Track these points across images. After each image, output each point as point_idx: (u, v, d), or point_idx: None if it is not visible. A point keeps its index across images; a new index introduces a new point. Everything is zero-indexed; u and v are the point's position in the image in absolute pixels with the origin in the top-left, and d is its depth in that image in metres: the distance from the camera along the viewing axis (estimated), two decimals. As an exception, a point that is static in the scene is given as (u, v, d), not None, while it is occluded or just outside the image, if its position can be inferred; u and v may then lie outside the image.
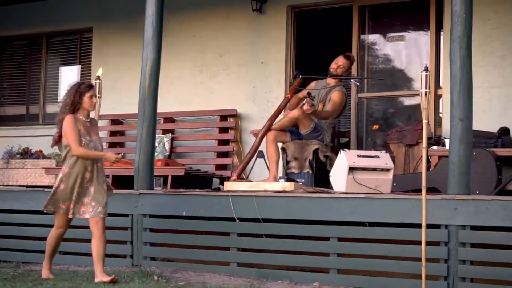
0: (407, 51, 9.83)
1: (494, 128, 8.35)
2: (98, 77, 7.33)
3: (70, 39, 11.93)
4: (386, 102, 10.12)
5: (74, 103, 6.51)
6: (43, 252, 8.20)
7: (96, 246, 6.64)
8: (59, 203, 6.59)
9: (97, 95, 7.30)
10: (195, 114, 10.40)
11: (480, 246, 6.17)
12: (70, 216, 6.66)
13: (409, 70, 9.85)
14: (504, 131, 8.21)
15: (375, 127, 9.83)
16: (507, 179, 7.63)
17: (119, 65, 11.12)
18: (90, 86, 6.64)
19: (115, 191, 7.27)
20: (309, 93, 8.35)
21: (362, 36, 9.86)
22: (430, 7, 9.25)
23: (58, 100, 11.92)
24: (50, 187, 9.85)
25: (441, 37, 9.22)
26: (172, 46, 10.54)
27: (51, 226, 8.13)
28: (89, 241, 7.46)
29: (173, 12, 10.23)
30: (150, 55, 7.94)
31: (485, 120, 8.57)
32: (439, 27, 9.22)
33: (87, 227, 7.59)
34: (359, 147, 9.54)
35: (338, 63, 8.63)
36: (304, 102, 8.31)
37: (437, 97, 9.16)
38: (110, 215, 7.78)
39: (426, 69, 5.84)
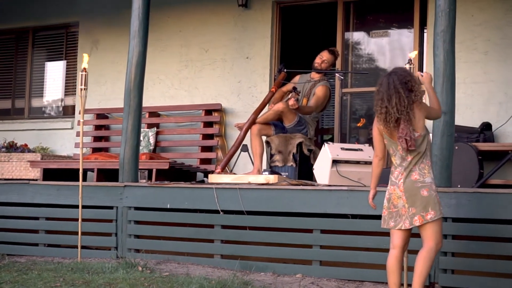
0: (391, 47, 9.90)
1: (476, 123, 8.45)
2: (84, 69, 7.34)
3: (56, 34, 11.91)
4: (369, 99, 10.18)
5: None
6: (28, 244, 8.26)
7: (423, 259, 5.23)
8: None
9: (83, 87, 7.35)
10: (180, 109, 10.42)
11: (462, 238, 6.25)
12: None
13: (393, 66, 9.89)
14: (486, 126, 8.32)
15: (360, 123, 9.87)
16: (489, 173, 7.72)
17: (105, 60, 11.12)
18: None
19: (99, 183, 7.24)
20: (294, 88, 8.40)
21: (346, 33, 9.91)
22: (415, 3, 9.30)
23: (43, 95, 11.96)
24: (35, 180, 9.95)
25: (425, 34, 9.30)
26: (158, 41, 10.58)
27: (35, 218, 8.20)
28: (75, 233, 7.49)
29: (159, 7, 10.25)
30: (136, 47, 7.97)
31: (468, 115, 8.66)
32: (423, 24, 9.29)
33: (73, 219, 7.66)
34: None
35: (322, 58, 8.69)
36: (289, 96, 8.36)
37: (420, 93, 9.21)
38: (95, 207, 7.85)
39: (410, 62, 5.92)
